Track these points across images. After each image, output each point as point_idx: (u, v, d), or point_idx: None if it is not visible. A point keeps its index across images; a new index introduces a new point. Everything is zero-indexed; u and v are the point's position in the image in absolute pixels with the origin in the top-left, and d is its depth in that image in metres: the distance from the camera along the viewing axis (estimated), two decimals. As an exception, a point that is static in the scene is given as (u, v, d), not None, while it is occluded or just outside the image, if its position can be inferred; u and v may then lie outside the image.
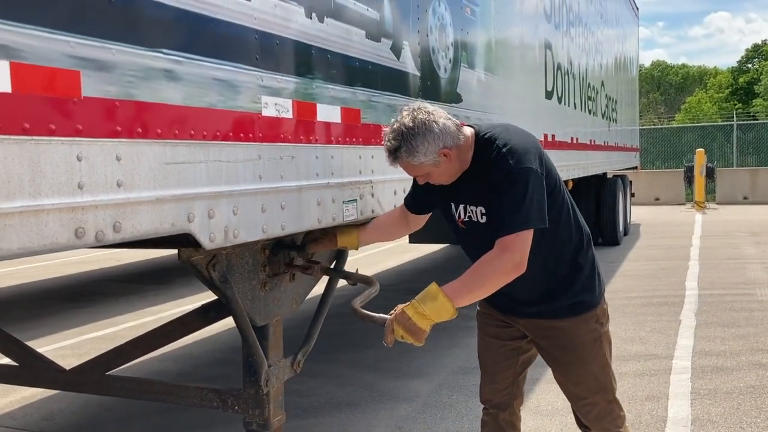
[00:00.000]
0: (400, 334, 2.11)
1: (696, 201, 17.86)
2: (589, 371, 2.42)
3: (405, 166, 2.23)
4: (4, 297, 8.28)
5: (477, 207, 2.29)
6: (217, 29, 2.09)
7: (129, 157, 1.75)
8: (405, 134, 2.14)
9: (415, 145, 2.14)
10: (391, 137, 2.18)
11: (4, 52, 1.44)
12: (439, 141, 2.15)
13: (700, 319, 6.12)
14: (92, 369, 3.16)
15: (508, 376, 2.57)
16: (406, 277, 8.87)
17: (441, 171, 2.24)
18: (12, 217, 1.46)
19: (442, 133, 2.15)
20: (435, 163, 2.19)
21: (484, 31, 4.72)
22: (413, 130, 2.14)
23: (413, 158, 2.16)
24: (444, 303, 2.08)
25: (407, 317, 2.09)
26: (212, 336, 5.85)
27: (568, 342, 2.41)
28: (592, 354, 2.41)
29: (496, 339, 2.57)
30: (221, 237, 2.12)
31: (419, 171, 2.24)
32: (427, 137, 2.13)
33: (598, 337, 2.42)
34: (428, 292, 2.11)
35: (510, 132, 2.27)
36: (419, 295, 2.12)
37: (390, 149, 2.19)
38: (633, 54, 14.33)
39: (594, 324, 2.41)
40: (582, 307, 2.38)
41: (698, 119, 37.96)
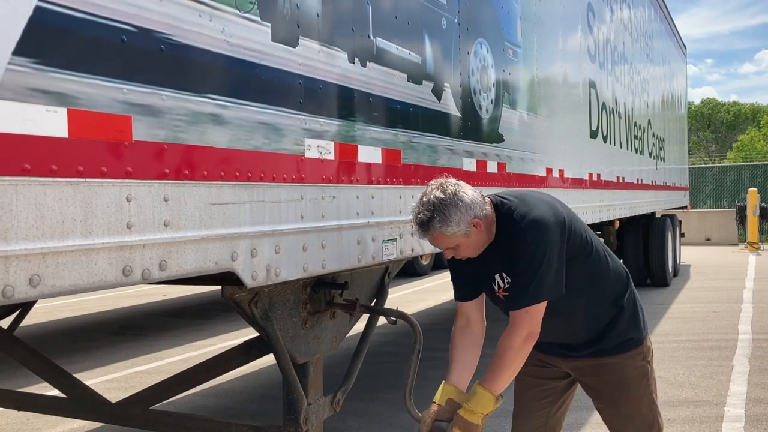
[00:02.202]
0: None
1: (749, 241, 17.32)
2: (638, 408, 2.42)
3: (436, 237, 2.23)
4: (57, 329, 8.52)
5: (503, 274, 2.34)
6: (262, 75, 2.17)
7: (176, 198, 1.81)
8: (437, 205, 2.17)
9: (448, 215, 2.16)
10: (422, 209, 2.20)
11: (62, 100, 1.53)
12: (471, 211, 2.18)
13: (753, 364, 5.90)
14: (136, 403, 3.22)
15: (542, 416, 2.55)
16: (448, 316, 8.80)
17: (470, 242, 2.25)
18: (65, 256, 1.52)
19: (473, 203, 2.20)
20: (466, 233, 2.21)
21: (526, 71, 4.76)
22: (444, 201, 2.17)
23: (446, 228, 2.18)
24: (483, 394, 2.19)
25: (462, 418, 2.21)
26: (255, 372, 5.89)
27: (617, 379, 2.40)
28: (640, 391, 2.41)
29: (534, 378, 2.56)
30: (263, 275, 2.16)
31: (450, 242, 2.24)
32: (459, 207, 2.17)
33: (646, 374, 2.43)
34: (472, 390, 2.24)
35: (527, 203, 2.29)
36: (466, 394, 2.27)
37: (422, 221, 2.20)
38: (681, 92, 14.16)
39: (641, 360, 2.43)
40: (630, 345, 2.40)
41: (751, 157, 37.05)
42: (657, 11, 11.00)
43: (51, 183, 1.49)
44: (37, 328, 8.41)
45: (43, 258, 1.47)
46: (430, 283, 12.03)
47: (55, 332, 8.31)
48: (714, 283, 11.12)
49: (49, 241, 1.48)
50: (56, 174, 1.51)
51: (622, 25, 8.33)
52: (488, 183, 3.97)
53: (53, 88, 1.51)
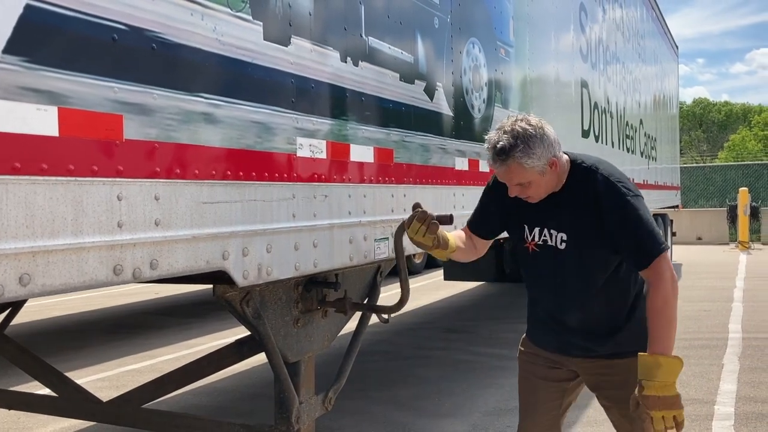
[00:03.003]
0: (660, 416, 2.05)
1: (740, 241, 17.42)
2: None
3: (512, 168, 2.12)
4: (49, 328, 8.48)
5: (558, 233, 2.26)
6: (254, 74, 2.17)
7: (167, 197, 1.81)
8: (521, 135, 2.08)
9: (532, 146, 2.08)
10: (504, 137, 2.09)
11: (53, 99, 1.53)
12: (552, 148, 2.13)
13: (744, 363, 5.94)
14: (128, 402, 3.21)
15: (551, 418, 2.51)
16: (441, 315, 8.82)
17: (542, 182, 2.18)
18: (55, 255, 1.52)
19: (555, 141, 2.15)
20: (542, 171, 2.14)
21: (518, 71, 4.77)
22: (530, 131, 2.09)
23: (527, 160, 2.09)
24: (669, 362, 2.08)
25: (656, 397, 2.05)
26: (247, 370, 5.89)
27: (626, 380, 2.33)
28: None
29: (543, 380, 2.51)
30: (255, 274, 2.16)
31: (524, 177, 2.14)
32: (544, 141, 2.10)
33: None
34: (647, 365, 2.08)
35: (608, 164, 2.28)
36: (641, 374, 2.09)
37: (504, 147, 2.08)
38: (673, 91, 14.22)
39: None
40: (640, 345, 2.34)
41: (742, 157, 37.26)
42: (649, 11, 11.04)
43: (41, 182, 1.49)
44: (28, 326, 8.37)
45: (33, 257, 1.47)
46: (423, 281, 12.04)
47: (47, 331, 8.28)
48: (705, 282, 11.18)
49: (39, 240, 1.48)
50: (46, 173, 1.50)
51: (615, 25, 8.36)
52: (481, 182, 3.98)
53: (43, 87, 1.51)
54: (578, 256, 2.26)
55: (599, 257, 2.25)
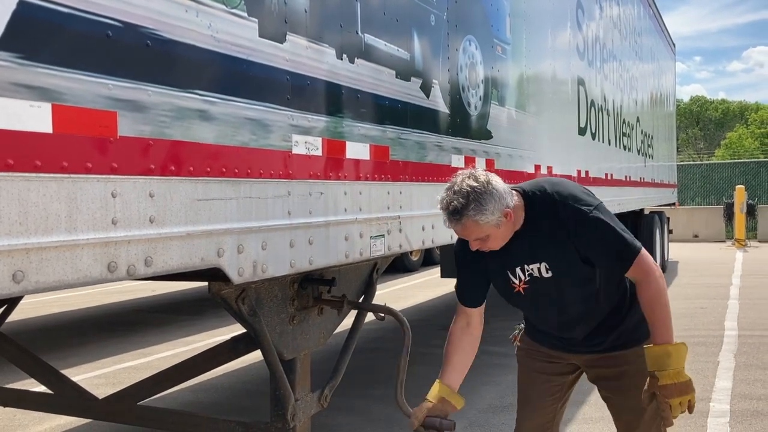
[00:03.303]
0: (678, 402, 2.11)
1: (736, 238, 17.46)
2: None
3: (467, 226, 2.18)
4: (45, 325, 8.47)
5: (540, 264, 2.31)
6: (249, 71, 2.16)
7: (161, 194, 1.81)
8: (470, 194, 2.13)
9: (484, 203, 2.13)
10: (454, 197, 2.15)
11: (47, 95, 1.52)
12: (503, 201, 2.16)
13: (739, 360, 5.95)
14: (124, 399, 3.21)
15: (550, 412, 2.54)
16: (437, 312, 8.82)
17: (499, 233, 2.23)
18: (49, 252, 1.52)
19: (505, 193, 2.18)
20: (497, 223, 2.18)
21: (515, 68, 4.77)
22: (478, 189, 2.13)
23: (480, 217, 2.14)
24: (676, 348, 2.14)
25: (672, 385, 2.10)
26: (243, 368, 5.89)
27: (628, 371, 2.39)
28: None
29: (542, 374, 2.54)
30: (250, 271, 2.16)
31: (480, 232, 2.20)
32: (493, 195, 2.14)
33: None
34: (657, 356, 2.14)
35: (557, 185, 2.31)
36: (651, 364, 2.15)
37: (456, 208, 2.14)
38: (670, 89, 14.23)
39: None
40: (638, 337, 2.39)
41: (739, 155, 37.32)
42: (646, 9, 11.04)
43: (35, 179, 1.49)
44: (24, 323, 8.36)
45: (27, 254, 1.47)
46: (420, 279, 12.05)
47: (43, 328, 8.27)
48: (701, 280, 11.20)
49: (32, 237, 1.48)
50: (40, 169, 1.50)
51: (612, 23, 8.36)
52: (477, 179, 3.99)
53: (37, 83, 1.51)
54: (567, 280, 2.31)
55: (586, 273, 2.29)
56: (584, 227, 2.20)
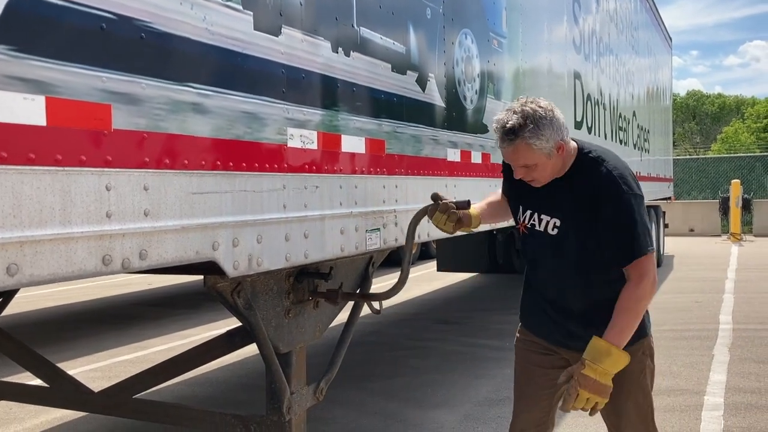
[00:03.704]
0: (586, 397, 2.12)
1: (732, 233, 17.51)
2: (632, 401, 2.41)
3: (520, 148, 2.13)
4: (41, 319, 8.46)
5: (551, 218, 2.28)
6: (244, 64, 2.16)
7: (156, 187, 1.81)
8: (531, 116, 2.09)
9: (542, 128, 2.09)
10: (514, 116, 2.10)
11: (40, 88, 1.52)
12: (560, 132, 2.14)
13: (734, 354, 5.98)
14: (120, 392, 3.22)
15: (546, 405, 2.52)
16: (433, 306, 8.83)
17: (548, 165, 2.19)
18: (43, 245, 1.52)
19: (563, 125, 2.16)
20: (549, 153, 2.15)
21: (511, 62, 4.76)
22: (540, 113, 2.10)
23: (535, 141, 2.10)
24: (619, 355, 2.13)
25: (592, 379, 2.11)
26: (239, 361, 5.89)
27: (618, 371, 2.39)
28: (636, 384, 2.40)
29: (538, 367, 2.52)
30: (245, 265, 2.16)
31: (530, 158, 2.15)
32: (553, 123, 2.12)
33: (644, 369, 2.42)
34: (600, 349, 2.14)
35: (615, 157, 2.29)
36: (589, 354, 2.15)
37: (513, 126, 2.08)
38: (666, 83, 14.24)
39: (641, 355, 2.41)
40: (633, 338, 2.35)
41: (735, 149, 37.39)
42: (642, 2, 11.03)
43: (28, 171, 1.48)
44: (20, 317, 8.35)
45: (21, 247, 1.46)
46: (417, 272, 12.06)
47: (39, 321, 8.26)
48: (697, 274, 11.24)
49: (26, 230, 1.47)
50: (34, 162, 1.50)
51: (608, 16, 8.35)
52: (472, 173, 3.99)
53: (31, 76, 1.50)
54: (573, 243, 2.27)
55: (591, 248, 2.25)
56: (614, 203, 2.16)
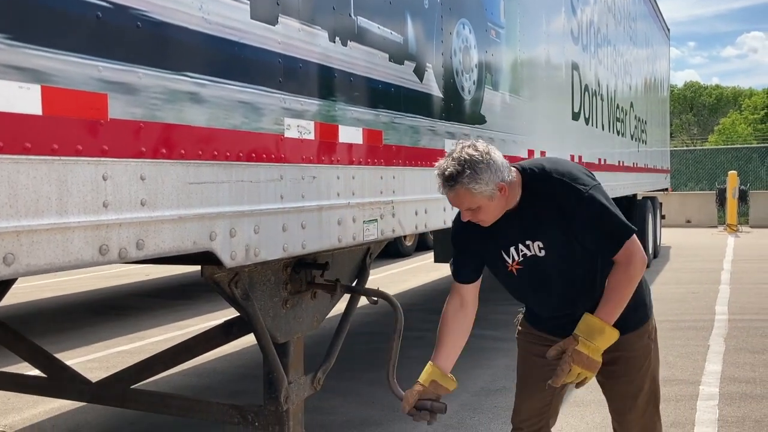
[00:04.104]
0: (577, 372, 2.18)
1: (728, 224, 17.55)
2: (637, 387, 2.43)
3: (460, 194, 2.18)
4: (38, 309, 8.46)
5: (534, 242, 2.31)
6: (241, 53, 2.15)
7: (153, 177, 1.80)
8: (468, 161, 2.13)
9: (479, 172, 2.12)
10: (452, 163, 2.15)
11: (36, 77, 1.51)
12: (500, 173, 2.16)
13: (729, 344, 6.01)
14: (117, 382, 3.22)
15: (547, 396, 2.53)
16: (430, 297, 8.85)
17: (492, 206, 2.22)
18: (39, 234, 1.51)
19: (502, 165, 2.18)
20: (491, 196, 2.18)
21: (509, 53, 4.75)
22: (476, 157, 2.13)
23: (474, 186, 2.13)
24: (611, 332, 2.19)
25: (585, 355, 2.17)
26: (237, 351, 5.90)
27: (619, 357, 2.40)
28: (641, 369, 2.43)
29: (539, 357, 2.49)
30: (242, 255, 2.16)
31: (472, 202, 2.20)
32: (490, 166, 2.14)
33: (648, 352, 2.44)
34: (593, 327, 2.19)
35: (555, 162, 2.32)
36: (582, 330, 2.20)
37: (451, 174, 2.14)
38: (664, 74, 14.22)
39: (646, 339, 2.44)
40: (634, 323, 2.40)
41: (732, 141, 37.42)
42: (641, -7, 11.00)
43: (24, 161, 1.48)
44: (17, 308, 8.35)
45: (17, 236, 1.46)
46: (414, 264, 12.08)
47: (37, 312, 8.26)
48: (693, 265, 11.27)
49: (23, 220, 1.47)
50: (30, 152, 1.49)
51: (606, 7, 8.33)
52: (470, 164, 3.98)
53: (26, 65, 1.49)
54: (560, 260, 2.31)
55: (580, 254, 2.29)
56: (580, 206, 2.20)
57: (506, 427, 4.05)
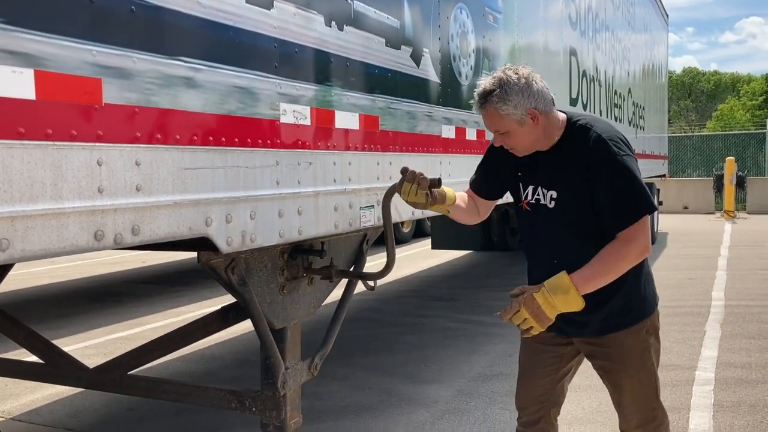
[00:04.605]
0: (524, 317, 2.15)
1: (725, 210, 17.58)
2: (634, 378, 2.40)
3: (490, 114, 2.18)
4: (35, 296, 8.47)
5: (549, 191, 2.29)
6: (236, 37, 2.13)
7: (148, 162, 1.80)
8: (503, 81, 2.12)
9: (509, 93, 2.11)
10: (488, 81, 2.16)
11: (29, 61, 1.50)
12: (532, 100, 2.14)
13: (725, 329, 6.03)
14: (114, 368, 3.23)
15: (546, 384, 2.51)
16: (428, 283, 8.87)
17: (522, 133, 2.20)
18: (34, 220, 1.51)
19: (538, 94, 2.16)
20: (520, 120, 2.16)
21: (506, 38, 4.73)
22: (512, 80, 2.12)
23: (502, 106, 2.12)
24: (575, 297, 2.14)
25: (537, 304, 2.14)
26: (235, 337, 5.92)
27: (616, 352, 2.37)
28: (639, 362, 2.39)
29: (540, 344, 2.49)
30: (238, 241, 2.16)
31: (501, 124, 2.18)
32: (523, 91, 2.12)
33: (647, 348, 2.39)
34: (560, 284, 2.14)
35: (605, 123, 2.30)
36: (549, 283, 2.16)
37: (483, 91, 2.15)
38: (662, 60, 14.18)
39: (644, 334, 2.38)
40: (632, 318, 2.35)
41: (731, 127, 37.39)
42: (640, -22, 10.94)
43: (18, 146, 1.47)
44: (14, 294, 8.35)
45: (12, 222, 1.46)
46: (411, 250, 12.09)
47: (33, 299, 8.26)
48: (690, 251, 11.30)
49: (17, 205, 1.46)
50: (24, 137, 1.48)
51: (605, -8, 8.29)
52: (467, 150, 3.98)
53: (19, 49, 1.48)
54: (569, 216, 2.26)
55: (591, 218, 2.23)
56: (608, 166, 2.16)
57: (503, 413, 4.08)
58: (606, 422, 3.95)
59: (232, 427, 3.97)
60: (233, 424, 3.99)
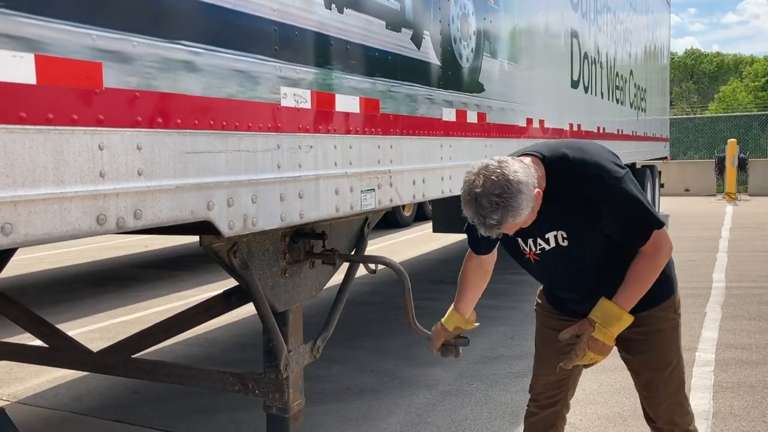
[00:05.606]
0: (591, 357, 2.19)
1: (727, 192, 17.56)
2: (666, 361, 2.39)
3: (507, 229, 2.05)
4: (39, 281, 8.50)
5: (557, 232, 2.22)
6: (236, 21, 2.12)
7: (149, 147, 1.80)
8: (501, 202, 1.95)
9: (518, 206, 1.96)
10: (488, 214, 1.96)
11: (29, 45, 1.50)
12: (530, 189, 2.00)
13: (725, 311, 6.06)
14: (118, 352, 3.25)
15: (565, 371, 2.48)
16: (430, 267, 8.90)
17: (532, 214, 2.09)
18: (36, 204, 1.51)
19: (529, 180, 2.00)
20: (533, 208, 2.06)
21: (507, 20, 4.70)
22: (506, 196, 1.95)
23: (518, 218, 2.00)
24: (627, 318, 2.18)
25: (600, 342, 2.17)
26: (238, 321, 5.95)
27: (648, 331, 2.36)
28: (669, 343, 2.39)
29: (554, 331, 2.45)
30: (240, 225, 2.16)
31: (517, 225, 2.07)
32: (522, 192, 1.96)
33: (676, 327, 2.40)
34: (611, 314, 2.17)
35: (579, 150, 2.19)
36: (600, 317, 2.17)
37: (493, 223, 1.97)
38: (664, 42, 14.08)
39: (672, 313, 2.39)
40: (661, 298, 2.36)
41: (733, 109, 37.24)
42: (642, -41, 10.84)
43: (20, 130, 1.47)
44: (18, 279, 8.39)
45: (15, 206, 1.46)
46: (412, 234, 12.11)
47: (37, 284, 8.30)
48: (691, 233, 11.31)
49: (20, 190, 1.47)
50: (25, 121, 1.48)
51: (606, -27, 8.22)
52: (467, 133, 3.97)
53: (19, 33, 1.48)
54: (588, 248, 2.24)
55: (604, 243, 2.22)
56: (610, 202, 2.12)
57: (504, 394, 4.11)
58: (606, 402, 3.98)
59: (235, 410, 4.01)
60: (236, 407, 4.03)
